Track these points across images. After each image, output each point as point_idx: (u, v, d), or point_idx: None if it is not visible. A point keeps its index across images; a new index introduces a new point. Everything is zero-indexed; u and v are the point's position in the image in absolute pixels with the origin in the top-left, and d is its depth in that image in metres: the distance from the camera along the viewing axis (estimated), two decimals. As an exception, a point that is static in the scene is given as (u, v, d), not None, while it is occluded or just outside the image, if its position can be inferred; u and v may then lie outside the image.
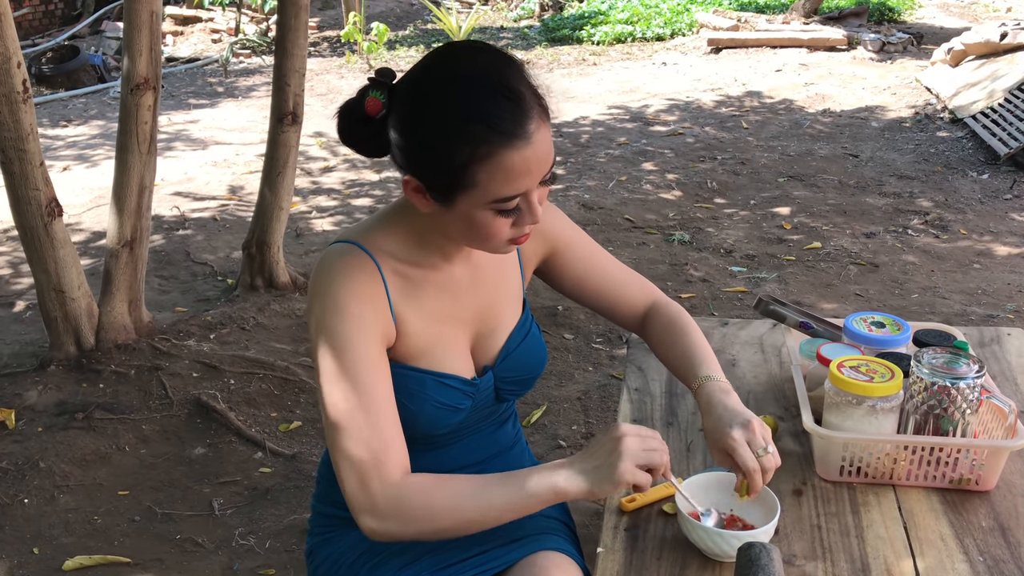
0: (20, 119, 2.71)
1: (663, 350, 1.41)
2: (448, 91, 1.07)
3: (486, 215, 1.11)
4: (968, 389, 1.32)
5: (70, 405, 2.84)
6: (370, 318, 1.16)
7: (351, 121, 1.16)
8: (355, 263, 1.17)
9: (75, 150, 6.30)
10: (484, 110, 1.05)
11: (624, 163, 5.53)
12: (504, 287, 1.33)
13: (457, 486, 1.13)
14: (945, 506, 1.32)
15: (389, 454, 1.12)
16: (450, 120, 1.06)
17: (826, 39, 8.61)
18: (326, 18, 11.75)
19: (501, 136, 1.05)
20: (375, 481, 1.11)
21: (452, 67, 1.10)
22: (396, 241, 1.21)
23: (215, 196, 5.18)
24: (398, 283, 1.20)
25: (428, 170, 1.10)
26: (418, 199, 1.14)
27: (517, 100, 1.07)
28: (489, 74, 1.08)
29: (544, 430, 2.77)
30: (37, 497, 2.48)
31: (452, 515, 1.12)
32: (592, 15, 10.67)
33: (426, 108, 1.08)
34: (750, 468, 1.18)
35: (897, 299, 3.55)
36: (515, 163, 1.07)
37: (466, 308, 1.27)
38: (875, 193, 4.85)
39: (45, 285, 2.98)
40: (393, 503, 1.11)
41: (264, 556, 2.27)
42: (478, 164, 1.06)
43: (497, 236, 1.14)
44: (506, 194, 1.09)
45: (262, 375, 3.03)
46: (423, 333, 1.22)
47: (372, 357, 1.15)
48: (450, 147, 1.06)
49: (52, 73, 8.30)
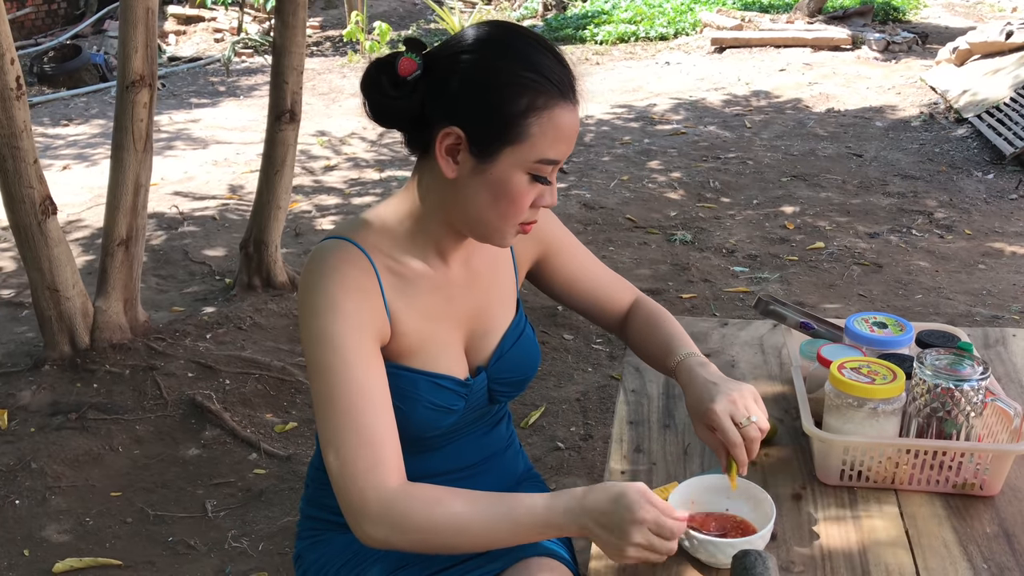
0: (13, 116, 2.69)
1: (643, 341, 1.39)
2: (506, 43, 1.08)
3: (522, 179, 1.09)
4: (972, 391, 1.28)
5: (63, 405, 2.82)
6: (364, 315, 1.12)
7: (378, 80, 1.11)
8: (348, 258, 1.13)
9: (75, 149, 6.28)
10: (544, 64, 1.07)
11: (626, 162, 5.50)
12: (498, 288, 1.30)
13: (461, 504, 1.08)
14: (948, 511, 1.29)
15: (385, 459, 1.08)
16: (512, 66, 1.06)
17: (830, 39, 8.56)
18: (329, 18, 11.74)
19: (558, 91, 1.06)
20: (371, 488, 1.07)
21: (502, 27, 1.11)
22: (390, 238, 1.18)
23: (215, 195, 5.16)
24: (392, 280, 1.16)
25: (480, 117, 1.07)
26: (447, 161, 1.10)
27: (566, 63, 1.10)
28: (540, 39, 1.10)
29: (542, 431, 2.74)
30: (28, 498, 2.46)
31: (454, 536, 1.08)
32: (595, 15, 10.64)
33: (486, 55, 1.08)
34: (731, 440, 1.16)
35: (901, 300, 3.52)
36: (565, 122, 1.08)
37: (460, 308, 1.24)
38: (879, 193, 4.81)
39: (39, 284, 2.95)
40: (390, 512, 1.07)
41: (257, 559, 2.25)
42: (534, 115, 1.06)
43: (520, 209, 1.11)
44: (551, 156, 1.08)
45: (258, 375, 3.00)
46: (417, 332, 1.19)
47: (366, 356, 1.11)
48: (510, 93, 1.05)
49: (54, 72, 8.29)
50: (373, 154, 5.91)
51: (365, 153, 5.95)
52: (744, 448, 1.16)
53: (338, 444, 1.08)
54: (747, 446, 1.18)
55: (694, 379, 1.24)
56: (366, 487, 1.07)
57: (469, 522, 1.07)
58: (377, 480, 1.07)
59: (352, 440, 1.07)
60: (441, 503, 1.07)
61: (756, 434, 1.17)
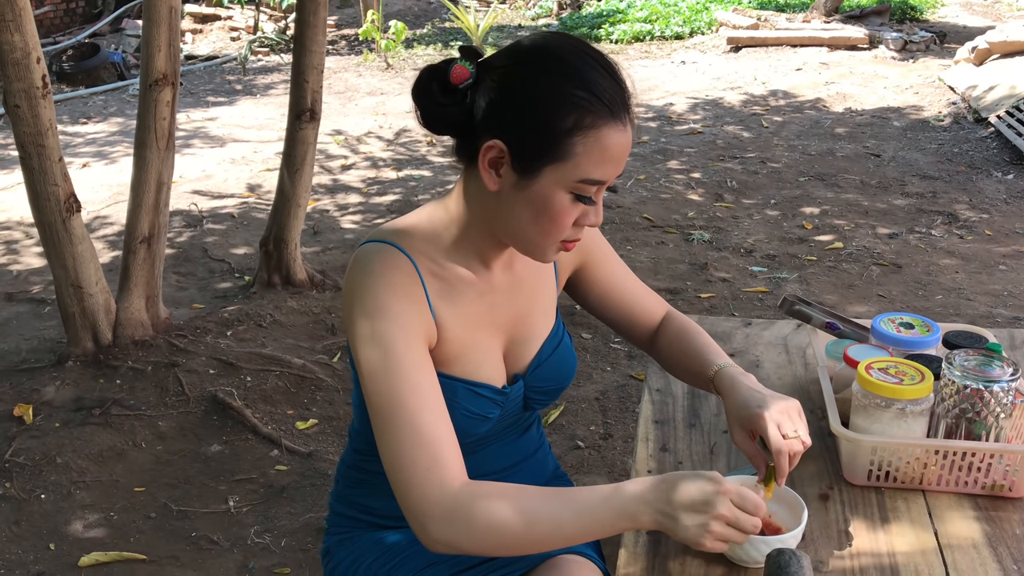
0: (39, 114, 2.72)
1: (676, 352, 1.37)
2: (559, 59, 1.05)
3: (564, 198, 1.07)
4: (1002, 392, 1.28)
5: (87, 401, 2.84)
6: (412, 317, 1.10)
7: (431, 86, 1.09)
8: (392, 262, 1.12)
9: (94, 147, 6.33)
10: (596, 82, 1.04)
11: (644, 162, 5.49)
12: (539, 295, 1.29)
13: (527, 500, 1.05)
14: (977, 512, 1.28)
15: (445, 457, 1.05)
16: (562, 83, 1.04)
17: (847, 38, 8.53)
18: (344, 16, 11.77)
19: (608, 111, 1.04)
20: (434, 488, 1.04)
21: (560, 40, 1.08)
22: (433, 243, 1.16)
23: (233, 193, 5.19)
24: (436, 285, 1.15)
25: (525, 131, 1.05)
26: (490, 174, 1.09)
27: (623, 84, 1.07)
28: (596, 54, 1.07)
29: (562, 430, 2.75)
30: (54, 493, 2.48)
31: (523, 532, 1.03)
32: (610, 13, 10.63)
33: (534, 70, 1.06)
34: (777, 447, 1.14)
35: (921, 300, 3.50)
36: (613, 143, 1.05)
37: (502, 315, 1.23)
38: (898, 193, 4.79)
39: (63, 280, 2.98)
40: (456, 510, 1.03)
41: (279, 555, 2.26)
42: (580, 134, 1.03)
43: (561, 227, 1.09)
44: (595, 176, 1.06)
45: (279, 372, 3.02)
46: (460, 338, 1.17)
47: (419, 357, 1.09)
48: (557, 110, 1.03)
49: (72, 71, 8.35)
50: (390, 153, 5.93)
51: (382, 152, 5.96)
52: (787, 457, 1.15)
53: (396, 446, 1.06)
54: (789, 458, 1.17)
55: (737, 386, 1.22)
56: (428, 487, 1.04)
57: (537, 516, 1.03)
58: (439, 479, 1.04)
59: (409, 441, 1.05)
60: (505, 497, 1.05)
61: (800, 447, 1.16)
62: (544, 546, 1.06)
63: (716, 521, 1.02)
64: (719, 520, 1.02)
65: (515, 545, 1.05)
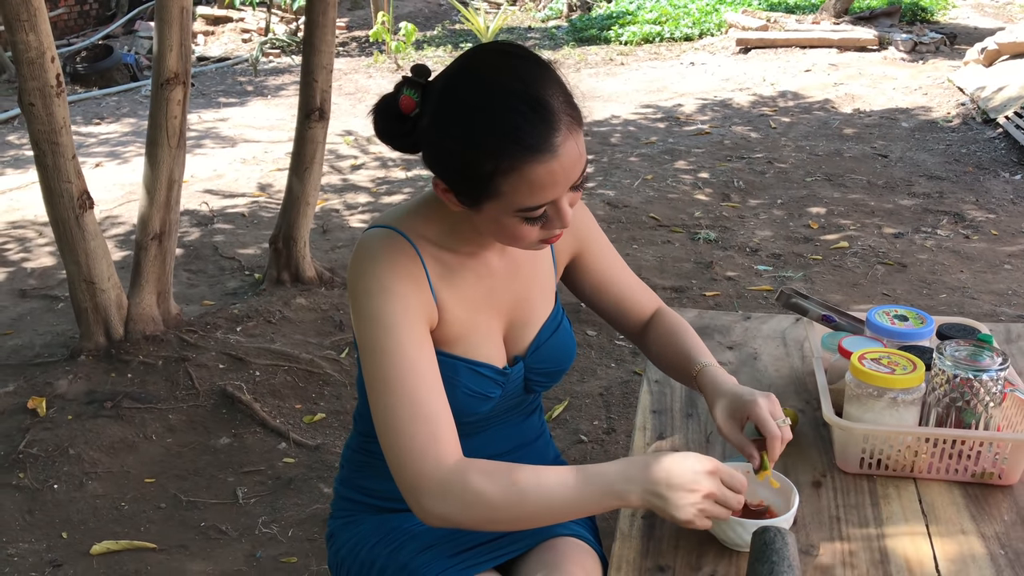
0: (53, 112, 2.77)
1: (664, 347, 1.40)
2: (476, 102, 1.06)
3: (512, 221, 1.11)
4: (991, 382, 1.30)
5: (99, 394, 2.89)
6: (413, 298, 1.15)
7: (386, 117, 1.14)
8: (394, 246, 1.16)
9: (107, 147, 6.39)
10: (511, 124, 1.04)
11: (651, 162, 5.52)
12: (538, 279, 1.33)
13: (517, 476, 1.09)
14: (967, 499, 1.31)
15: (441, 434, 1.10)
16: (477, 133, 1.05)
17: (856, 39, 8.53)
18: (355, 18, 11.83)
19: (525, 151, 1.04)
20: (430, 462, 1.08)
21: (481, 77, 1.08)
22: (433, 228, 1.20)
23: (244, 193, 5.24)
24: (437, 268, 1.19)
25: (454, 176, 1.10)
26: (448, 199, 1.14)
27: (544, 113, 1.05)
28: (517, 86, 1.06)
29: (566, 424, 2.78)
30: (66, 483, 2.53)
31: (513, 506, 1.08)
32: (620, 15, 10.65)
33: (453, 118, 1.07)
34: (773, 434, 1.19)
35: (925, 299, 3.52)
36: (539, 176, 1.06)
37: (502, 297, 1.27)
38: (904, 193, 4.80)
39: (76, 276, 3.03)
40: (450, 485, 1.08)
41: (287, 544, 2.30)
42: (502, 176, 1.06)
43: (525, 239, 1.13)
44: (530, 204, 1.08)
45: (287, 367, 3.06)
46: (460, 319, 1.22)
47: (418, 337, 1.13)
48: (475, 158, 1.06)
49: (86, 72, 8.43)
50: (400, 153, 5.96)
51: (392, 153, 5.99)
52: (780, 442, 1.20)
53: (393, 422, 1.09)
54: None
55: (724, 382, 1.27)
56: (424, 462, 1.08)
57: (528, 492, 1.07)
58: (435, 455, 1.08)
59: (407, 417, 1.09)
60: (497, 474, 1.08)
61: (790, 434, 1.21)
62: (535, 521, 1.10)
63: (705, 499, 1.05)
64: (708, 498, 1.06)
65: (507, 519, 1.09)
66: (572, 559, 1.23)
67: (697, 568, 1.19)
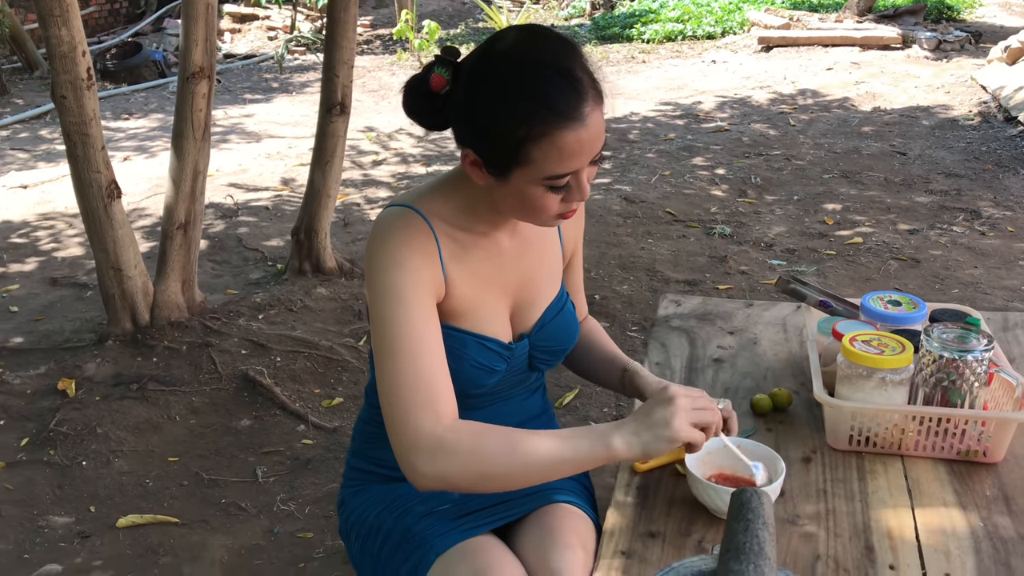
0: (84, 105, 2.87)
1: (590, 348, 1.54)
2: (509, 72, 1.11)
3: (538, 191, 1.16)
4: (976, 362, 1.35)
5: (125, 377, 2.99)
6: (424, 273, 1.21)
7: (416, 95, 1.20)
8: (410, 223, 1.23)
9: (135, 142, 6.53)
10: (542, 91, 1.10)
11: (669, 158, 5.56)
12: (546, 263, 1.40)
13: (508, 434, 1.15)
14: (951, 476, 1.36)
15: (440, 398, 1.16)
16: (510, 100, 1.11)
17: (879, 37, 8.50)
18: (379, 16, 11.94)
19: (557, 116, 1.10)
20: (426, 422, 1.14)
21: (514, 49, 1.13)
22: (448, 207, 1.27)
23: (268, 187, 5.34)
24: (449, 245, 1.26)
25: (486, 146, 1.16)
26: (475, 172, 1.20)
27: (574, 83, 1.11)
28: (548, 57, 1.11)
29: (576, 412, 2.84)
30: (94, 460, 2.63)
31: (502, 463, 1.13)
32: (643, 13, 10.68)
33: (488, 87, 1.12)
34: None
35: (937, 294, 3.54)
36: (568, 143, 1.11)
37: (509, 276, 1.34)
38: (921, 190, 4.81)
39: (104, 263, 3.13)
40: (442, 444, 1.13)
41: (303, 521, 2.38)
42: (533, 143, 1.11)
43: (547, 211, 1.19)
44: (558, 172, 1.14)
45: (307, 354, 3.14)
46: (469, 295, 1.28)
47: (425, 309, 1.20)
48: (508, 125, 1.11)
49: (116, 68, 8.60)
50: (420, 149, 6.06)
51: (412, 148, 6.09)
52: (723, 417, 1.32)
53: (396, 385, 1.16)
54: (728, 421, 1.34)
55: (654, 380, 1.42)
56: (421, 422, 1.14)
57: (518, 448, 1.13)
58: (433, 415, 1.14)
59: (409, 381, 1.16)
60: (490, 432, 1.15)
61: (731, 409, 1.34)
62: (527, 478, 1.16)
63: (682, 410, 1.16)
64: (682, 409, 1.16)
65: (500, 475, 1.15)
66: (566, 524, 1.29)
67: (687, 534, 1.25)
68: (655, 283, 3.74)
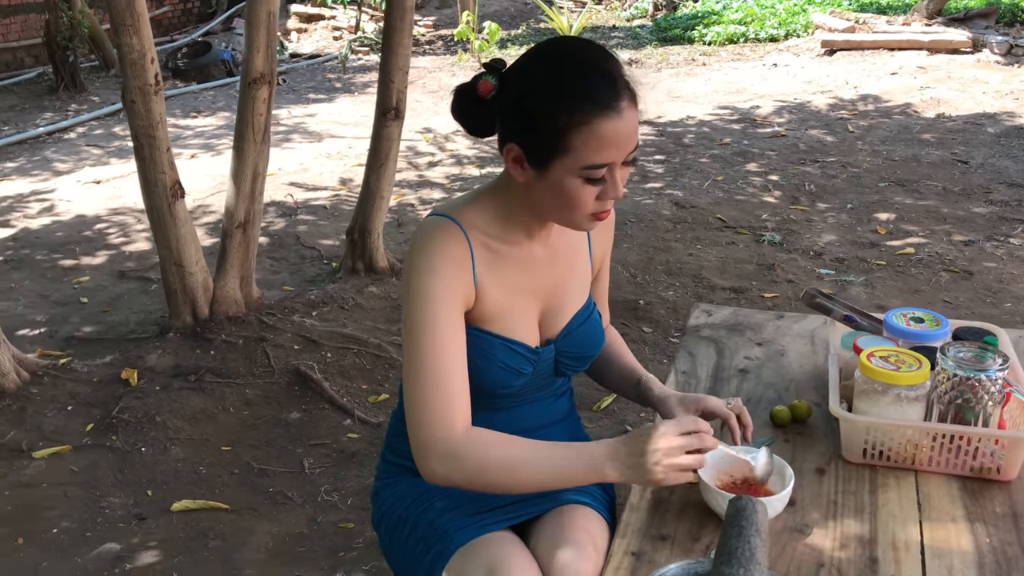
0: (151, 109, 3.02)
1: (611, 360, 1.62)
2: (554, 68, 1.23)
3: (575, 183, 1.24)
4: (990, 382, 1.38)
5: (184, 368, 3.14)
6: (456, 281, 1.30)
7: (465, 99, 1.31)
8: (447, 232, 1.32)
9: (202, 139, 6.76)
10: (583, 84, 1.21)
11: (723, 163, 5.56)
12: (575, 272, 1.47)
13: (514, 448, 1.25)
14: (963, 492, 1.38)
15: (456, 406, 1.25)
16: (554, 91, 1.21)
17: (948, 41, 8.33)
18: (442, 17, 12.09)
19: (596, 106, 1.20)
20: (440, 429, 1.24)
21: (559, 50, 1.26)
22: (485, 217, 1.35)
23: (327, 186, 5.50)
24: (483, 254, 1.34)
25: (530, 135, 1.24)
26: (516, 169, 1.29)
27: (612, 80, 1.22)
28: (590, 58, 1.24)
29: (613, 415, 2.89)
30: (153, 447, 2.78)
31: (506, 474, 1.24)
32: (705, 15, 10.62)
33: (535, 81, 1.24)
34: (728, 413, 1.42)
35: (988, 307, 3.49)
36: (606, 132, 1.21)
37: (539, 284, 1.41)
38: (981, 201, 4.73)
39: (167, 260, 3.29)
40: (453, 451, 1.23)
41: (345, 511, 2.49)
42: (575, 130, 1.20)
43: (583, 206, 1.27)
44: (596, 161, 1.22)
45: (356, 350, 3.26)
46: (499, 300, 1.36)
47: (453, 317, 1.29)
48: (552, 114, 1.21)
49: (186, 67, 8.89)
50: (475, 151, 6.15)
51: (467, 150, 6.19)
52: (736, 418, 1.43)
53: (415, 389, 1.26)
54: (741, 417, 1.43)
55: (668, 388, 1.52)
56: (436, 428, 1.24)
57: (520, 464, 1.24)
58: (446, 423, 1.24)
59: (429, 387, 1.25)
60: (497, 445, 1.25)
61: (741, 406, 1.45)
62: (527, 488, 1.28)
63: (664, 456, 1.21)
64: (666, 455, 1.21)
65: (500, 485, 1.26)
66: (579, 524, 1.36)
67: (696, 538, 1.30)
68: (700, 290, 3.77)
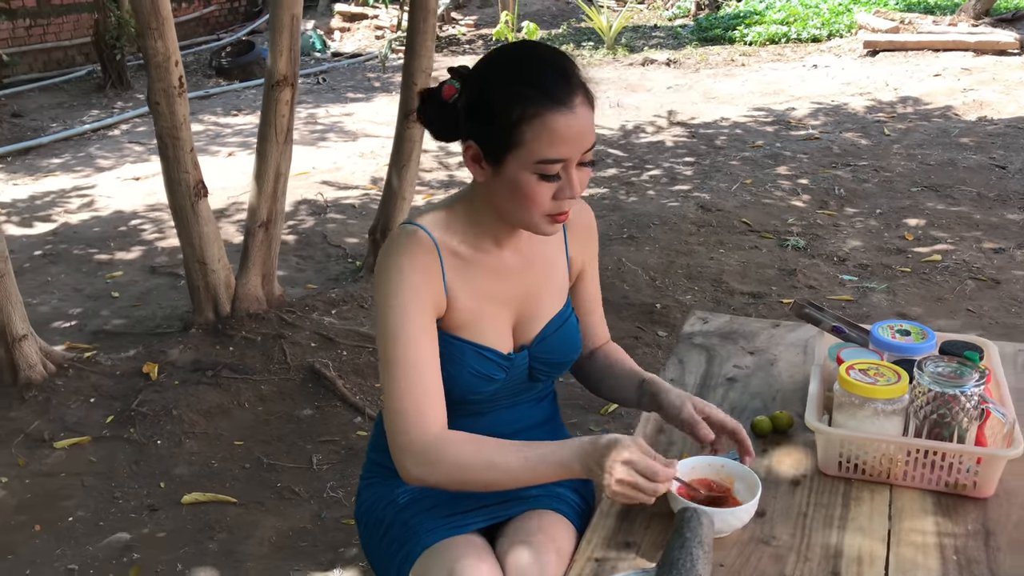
0: (175, 110, 3.10)
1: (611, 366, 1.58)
2: (512, 64, 1.27)
3: (530, 179, 1.25)
4: (965, 398, 1.36)
5: (203, 363, 3.22)
6: (425, 289, 1.33)
7: (430, 104, 1.34)
8: (417, 241, 1.34)
9: (240, 138, 6.89)
10: (538, 78, 1.23)
11: (753, 166, 5.51)
12: (551, 279, 1.48)
13: (487, 448, 1.28)
14: (937, 508, 1.37)
15: (430, 409, 1.29)
16: (509, 84, 1.24)
17: (995, 42, 8.14)
18: (484, 16, 12.13)
19: (548, 99, 1.22)
20: (415, 430, 1.28)
21: (519, 51, 1.29)
22: (454, 225, 1.38)
23: (357, 185, 5.57)
24: (453, 261, 1.36)
25: (485, 129, 1.26)
26: (475, 168, 1.31)
27: (567, 77, 1.25)
28: (546, 56, 1.27)
29: (621, 419, 2.90)
30: (168, 440, 2.85)
31: (480, 473, 1.28)
32: (747, 15, 10.51)
33: (490, 77, 1.27)
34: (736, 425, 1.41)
35: (1012, 318, 3.42)
36: (558, 126, 1.22)
37: (511, 291, 1.43)
38: (1016, 207, 4.62)
39: (190, 257, 3.37)
40: (428, 452, 1.27)
41: (349, 508, 2.53)
42: (526, 123, 1.22)
43: (538, 204, 1.28)
44: (548, 156, 1.23)
45: (371, 349, 3.31)
46: (469, 308, 1.38)
47: (424, 323, 1.32)
48: (505, 107, 1.23)
49: (229, 66, 9.06)
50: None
51: (499, 149, 6.20)
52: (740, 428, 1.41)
53: (393, 393, 1.30)
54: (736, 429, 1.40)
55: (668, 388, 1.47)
56: (412, 431, 1.28)
57: (494, 463, 1.27)
58: (422, 425, 1.28)
59: (404, 391, 1.29)
60: (470, 443, 1.29)
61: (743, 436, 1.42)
62: (502, 486, 1.30)
63: (618, 483, 1.21)
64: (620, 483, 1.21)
65: (475, 483, 1.30)
66: (546, 529, 1.38)
67: (661, 546, 1.31)
68: (719, 294, 3.75)
